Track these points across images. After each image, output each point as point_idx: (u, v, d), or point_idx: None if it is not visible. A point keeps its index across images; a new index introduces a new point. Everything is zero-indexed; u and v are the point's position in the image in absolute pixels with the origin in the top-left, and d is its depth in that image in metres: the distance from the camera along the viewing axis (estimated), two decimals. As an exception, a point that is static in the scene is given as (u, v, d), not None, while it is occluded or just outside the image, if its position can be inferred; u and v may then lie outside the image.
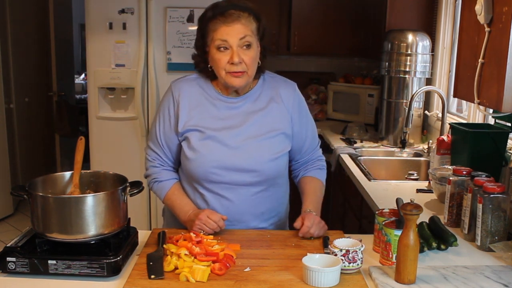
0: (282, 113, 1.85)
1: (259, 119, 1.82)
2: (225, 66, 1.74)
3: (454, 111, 3.37)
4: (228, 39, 1.72)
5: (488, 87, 1.84)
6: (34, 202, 1.50)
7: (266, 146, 1.81)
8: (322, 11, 4.32)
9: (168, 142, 1.86)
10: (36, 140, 5.18)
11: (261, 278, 1.46)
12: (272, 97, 1.86)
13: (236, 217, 1.83)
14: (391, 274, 1.48)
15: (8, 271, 1.47)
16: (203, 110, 1.82)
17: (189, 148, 1.80)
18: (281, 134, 1.84)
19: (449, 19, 3.37)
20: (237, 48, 1.72)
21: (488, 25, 1.83)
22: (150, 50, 3.42)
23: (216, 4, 1.75)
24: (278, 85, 1.88)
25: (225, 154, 1.78)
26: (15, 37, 4.68)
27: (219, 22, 1.72)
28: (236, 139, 1.79)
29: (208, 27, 1.75)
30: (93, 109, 3.53)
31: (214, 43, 1.73)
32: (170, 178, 1.89)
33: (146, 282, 1.43)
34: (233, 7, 1.73)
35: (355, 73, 4.51)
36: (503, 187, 1.69)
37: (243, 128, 1.80)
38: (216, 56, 1.74)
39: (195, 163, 1.79)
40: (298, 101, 1.90)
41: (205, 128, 1.80)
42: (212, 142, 1.79)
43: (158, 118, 1.88)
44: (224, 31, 1.71)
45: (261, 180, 1.82)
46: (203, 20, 1.77)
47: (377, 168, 3.09)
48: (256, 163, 1.80)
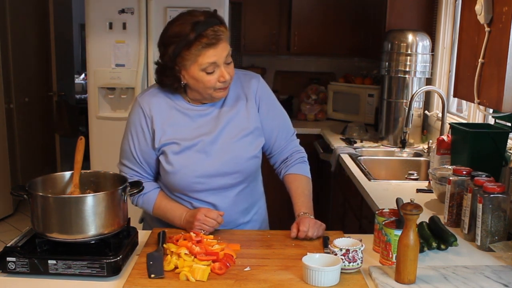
0: (250, 109, 1.83)
1: (230, 120, 1.80)
2: (215, 85, 1.71)
3: (454, 111, 3.37)
4: (216, 60, 1.68)
5: (488, 87, 1.84)
6: (34, 202, 1.49)
7: (243, 146, 1.80)
8: (322, 11, 4.32)
9: (146, 157, 1.82)
10: (36, 140, 5.18)
11: (261, 278, 1.46)
12: (238, 95, 1.83)
13: (226, 218, 1.81)
14: (391, 274, 1.48)
15: (8, 271, 1.47)
16: (176, 121, 1.79)
17: (167, 163, 1.77)
18: (254, 131, 1.82)
19: (449, 19, 3.38)
20: (224, 65, 1.70)
21: (488, 25, 1.83)
22: (150, 50, 3.42)
23: (196, 24, 1.66)
24: (241, 82, 1.85)
25: (205, 162, 1.77)
26: (15, 37, 4.68)
27: (205, 46, 1.65)
28: (213, 145, 1.77)
29: (189, 51, 1.66)
30: (93, 109, 3.53)
31: (200, 67, 1.67)
32: (153, 188, 1.86)
33: (146, 281, 1.43)
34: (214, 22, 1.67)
35: (355, 73, 4.52)
36: (503, 187, 1.69)
37: (217, 132, 1.78)
38: (205, 79, 1.69)
39: (176, 176, 1.77)
40: (262, 93, 1.87)
41: (181, 139, 1.77)
42: (190, 153, 1.76)
43: (130, 135, 1.82)
44: (212, 53, 1.66)
45: (242, 179, 1.83)
46: (181, 43, 1.67)
47: (377, 168, 3.09)
48: (237, 165, 1.79)
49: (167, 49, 1.72)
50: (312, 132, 4.02)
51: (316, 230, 1.72)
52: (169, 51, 1.71)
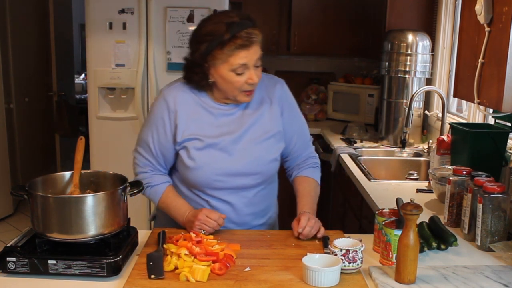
0: (273, 113, 1.85)
1: (254, 123, 1.82)
2: (242, 86, 1.73)
3: (454, 111, 3.37)
4: (247, 62, 1.70)
5: (488, 87, 1.84)
6: (34, 202, 1.49)
7: (265, 148, 1.82)
8: (322, 11, 4.32)
9: (163, 150, 1.83)
10: (36, 140, 5.18)
11: (261, 278, 1.46)
12: (262, 98, 1.85)
13: (241, 219, 1.85)
14: (391, 274, 1.48)
15: (8, 271, 1.47)
16: (200, 118, 1.80)
17: (189, 158, 1.78)
18: (276, 134, 1.85)
19: (449, 19, 3.37)
20: (253, 68, 1.72)
21: (488, 25, 1.83)
22: (150, 50, 3.42)
23: (230, 24, 1.67)
24: (266, 85, 1.87)
25: (227, 161, 1.78)
26: (15, 37, 4.68)
27: (238, 47, 1.67)
28: (235, 145, 1.79)
29: (222, 51, 1.68)
30: (93, 109, 3.53)
31: (230, 67, 1.69)
32: (163, 182, 1.87)
33: (146, 282, 1.43)
34: (248, 24, 1.68)
35: (355, 73, 4.51)
36: (503, 187, 1.69)
37: (240, 133, 1.80)
38: (234, 79, 1.71)
39: (197, 172, 1.78)
40: (286, 98, 1.90)
41: (204, 136, 1.78)
42: (212, 150, 1.78)
43: (151, 126, 1.83)
44: (244, 55, 1.68)
45: (261, 181, 1.85)
46: (215, 42, 1.67)
47: (377, 168, 3.09)
48: (258, 166, 1.81)
49: (199, 46, 1.72)
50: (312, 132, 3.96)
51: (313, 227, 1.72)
52: (201, 49, 1.72)
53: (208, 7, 3.37)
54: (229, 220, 1.83)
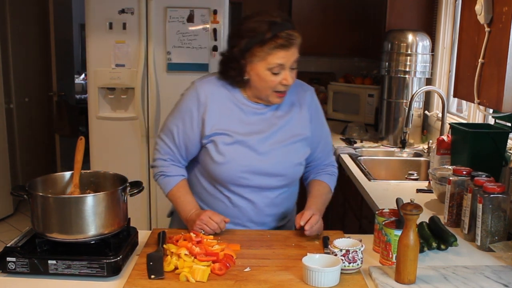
0: (302, 118, 1.87)
1: (284, 125, 1.83)
2: (276, 86, 1.74)
3: (454, 111, 3.37)
4: (284, 63, 1.72)
5: (488, 87, 1.83)
6: (34, 202, 1.50)
7: (292, 151, 1.83)
8: (322, 11, 4.32)
9: (186, 141, 1.84)
10: (36, 140, 5.17)
11: (261, 278, 1.46)
12: (293, 103, 1.87)
13: (261, 219, 1.85)
14: (391, 274, 1.48)
15: (8, 271, 1.47)
16: (231, 114, 1.81)
17: (217, 152, 1.78)
18: (304, 139, 1.86)
19: (449, 19, 3.37)
20: (289, 69, 1.74)
21: (488, 25, 1.83)
22: (150, 50, 3.42)
23: (273, 24, 1.69)
24: (298, 91, 1.89)
25: (254, 159, 1.79)
26: (15, 37, 4.68)
27: (278, 46, 1.69)
28: (263, 144, 1.80)
29: (261, 48, 1.70)
30: (93, 109, 3.53)
31: (267, 65, 1.71)
32: (178, 174, 1.87)
33: (146, 282, 1.43)
34: (290, 26, 1.72)
35: (355, 73, 4.51)
36: (503, 187, 1.69)
37: (269, 133, 1.81)
38: (269, 78, 1.73)
39: (224, 167, 1.78)
40: (316, 106, 1.94)
41: (233, 132, 1.79)
42: (240, 147, 1.78)
43: (178, 116, 1.84)
44: (282, 55, 1.70)
45: (285, 184, 1.86)
46: (255, 39, 1.69)
47: (377, 168, 3.09)
48: (284, 168, 1.82)
49: (240, 41, 1.74)
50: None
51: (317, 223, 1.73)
52: (241, 44, 1.73)
53: (208, 7, 3.37)
54: (249, 219, 1.85)
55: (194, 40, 3.40)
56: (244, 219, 1.84)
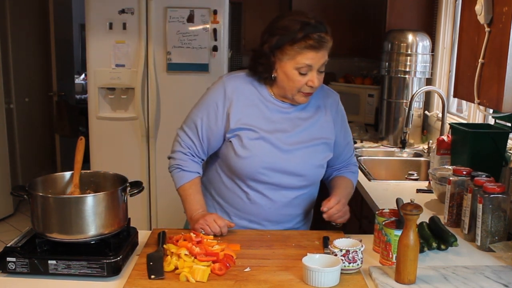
0: (327, 122, 1.88)
1: (307, 127, 1.84)
2: (302, 87, 1.75)
3: (454, 111, 3.37)
4: (313, 64, 1.73)
5: (488, 87, 1.83)
6: (34, 202, 1.49)
7: (314, 153, 1.84)
8: (322, 11, 4.30)
9: (209, 135, 1.84)
10: (36, 140, 5.17)
11: (261, 278, 1.46)
12: (319, 106, 1.88)
13: (277, 217, 1.85)
14: (391, 274, 1.48)
15: (8, 271, 1.47)
16: (257, 110, 1.81)
17: (241, 146, 1.78)
18: (326, 142, 1.87)
19: (449, 19, 3.37)
20: (317, 71, 1.75)
21: (488, 25, 1.83)
22: (150, 50, 3.42)
23: (306, 24, 1.70)
24: (324, 96, 1.91)
25: (276, 156, 1.79)
26: (15, 37, 4.68)
27: (308, 47, 1.70)
28: (286, 143, 1.80)
29: (292, 47, 1.71)
30: (93, 109, 3.53)
31: (296, 65, 1.72)
32: (194, 171, 1.86)
33: (146, 282, 1.43)
34: (323, 29, 1.73)
35: (355, 73, 4.51)
36: (503, 187, 1.69)
37: (293, 133, 1.82)
38: (296, 78, 1.73)
39: (246, 162, 1.78)
40: (341, 113, 1.96)
41: (258, 128, 1.79)
42: (264, 143, 1.79)
43: (203, 109, 1.84)
44: (311, 56, 1.71)
45: (305, 185, 1.86)
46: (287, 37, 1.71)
47: (377, 168, 3.09)
48: (305, 168, 1.83)
49: (271, 38, 1.75)
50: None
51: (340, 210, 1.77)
52: (272, 41, 1.74)
53: (208, 7, 3.38)
54: (265, 218, 1.85)
55: (194, 40, 3.41)
56: (261, 217, 1.84)
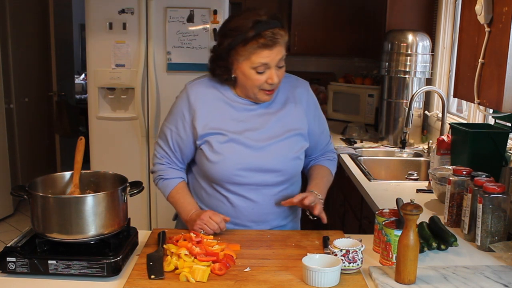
0: (298, 113, 1.87)
1: (277, 120, 1.83)
2: (262, 85, 1.74)
3: (454, 111, 3.37)
4: (269, 62, 1.70)
5: (488, 87, 1.83)
6: (34, 202, 1.50)
7: (287, 146, 1.82)
8: (322, 11, 4.32)
9: (180, 144, 1.85)
10: (36, 140, 5.18)
11: (261, 278, 1.46)
12: (287, 97, 1.87)
13: (261, 217, 1.85)
14: (391, 274, 1.48)
15: (8, 271, 1.47)
16: (223, 113, 1.81)
17: (211, 152, 1.78)
18: (299, 133, 1.86)
19: (449, 19, 3.37)
20: (275, 68, 1.73)
21: (488, 25, 1.83)
22: (150, 50, 3.42)
23: (257, 23, 1.67)
24: (292, 86, 1.89)
25: (249, 156, 1.78)
26: (15, 37, 4.68)
27: (261, 46, 1.67)
28: (258, 141, 1.79)
29: (245, 47, 1.69)
30: (93, 109, 3.53)
31: (252, 65, 1.70)
32: (176, 177, 1.88)
33: (146, 282, 1.43)
34: (275, 24, 1.69)
35: (355, 73, 4.52)
36: (503, 187, 1.69)
37: (263, 129, 1.81)
38: (254, 77, 1.72)
39: (219, 166, 1.78)
40: (312, 101, 1.93)
41: (226, 131, 1.79)
42: (235, 145, 1.78)
43: (171, 119, 1.85)
44: (266, 55, 1.69)
45: (284, 180, 1.84)
46: (239, 38, 1.69)
47: (377, 168, 3.09)
48: (280, 163, 1.81)
49: (224, 40, 1.74)
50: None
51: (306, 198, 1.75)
52: (225, 43, 1.73)
53: (208, 7, 3.38)
54: (250, 219, 1.84)
55: (194, 40, 3.41)
56: (245, 219, 1.83)
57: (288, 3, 4.41)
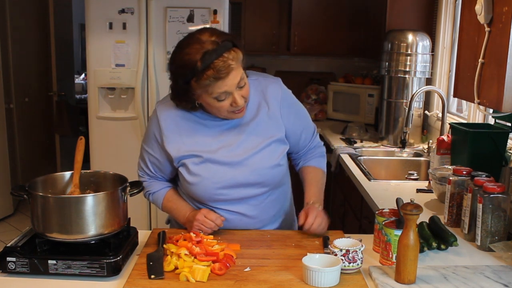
0: (272, 117, 1.80)
1: (252, 131, 1.77)
2: (228, 109, 1.68)
3: (454, 111, 3.37)
4: (227, 89, 1.62)
5: (488, 87, 1.83)
6: (34, 202, 1.50)
7: (266, 155, 1.77)
8: (322, 11, 4.32)
9: (158, 165, 1.84)
10: (36, 140, 5.18)
11: (261, 278, 1.46)
12: (259, 102, 1.79)
13: (253, 225, 1.83)
14: (391, 274, 1.48)
15: (8, 271, 1.47)
16: (195, 133, 1.76)
17: (189, 174, 1.75)
18: (276, 140, 1.79)
19: (449, 19, 3.38)
20: (236, 90, 1.64)
21: (488, 25, 1.83)
22: (150, 50, 3.42)
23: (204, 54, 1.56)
24: (262, 89, 1.81)
25: (227, 174, 1.74)
26: (15, 37, 4.68)
27: (213, 80, 1.58)
28: (234, 156, 1.75)
29: (198, 83, 1.61)
30: (93, 109, 3.53)
31: (211, 95, 1.63)
32: (162, 187, 1.88)
33: (146, 282, 1.43)
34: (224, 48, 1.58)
35: (355, 73, 4.52)
36: (503, 187, 1.69)
37: (238, 143, 1.76)
38: (217, 105, 1.66)
39: (199, 187, 1.76)
40: (284, 98, 1.83)
41: (200, 151, 1.74)
42: (211, 164, 1.74)
43: (147, 141, 1.83)
44: (222, 84, 1.60)
45: (267, 189, 1.81)
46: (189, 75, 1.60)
47: (377, 168, 3.09)
48: (260, 175, 1.77)
49: (176, 78, 1.67)
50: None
51: (320, 225, 1.73)
52: (178, 81, 1.67)
53: (208, 7, 3.37)
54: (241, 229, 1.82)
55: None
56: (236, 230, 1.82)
57: (288, 3, 4.42)
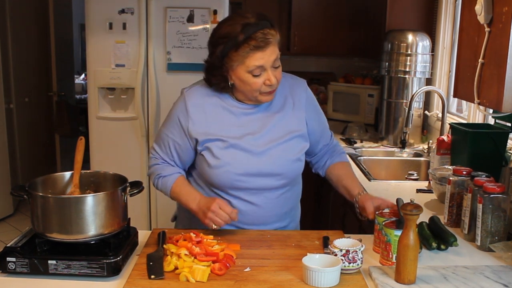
0: (297, 113, 1.86)
1: (277, 123, 1.82)
2: (261, 88, 1.72)
3: (454, 111, 3.37)
4: (264, 64, 1.68)
5: (488, 87, 1.83)
6: (34, 202, 1.50)
7: (288, 148, 1.82)
8: (322, 11, 4.32)
9: (178, 149, 1.84)
10: (36, 140, 5.18)
11: (261, 278, 1.46)
12: (285, 98, 1.86)
13: (263, 220, 1.84)
14: (391, 274, 1.48)
15: (8, 271, 1.47)
16: (222, 119, 1.80)
17: (212, 157, 1.77)
18: (299, 135, 1.85)
19: (449, 19, 3.37)
20: (271, 69, 1.71)
21: (488, 25, 1.83)
22: (150, 50, 3.42)
23: (245, 26, 1.66)
24: (290, 85, 1.88)
25: (249, 161, 1.77)
26: (15, 37, 4.68)
27: (253, 48, 1.65)
28: (258, 145, 1.78)
29: (237, 52, 1.67)
30: (93, 109, 3.53)
31: (247, 69, 1.68)
32: (174, 172, 1.86)
33: (146, 282, 1.43)
34: (264, 25, 1.67)
35: (355, 73, 4.51)
36: (503, 187, 1.69)
37: (263, 133, 1.80)
38: (251, 81, 1.70)
39: (221, 172, 1.77)
40: (310, 99, 1.92)
41: (226, 137, 1.77)
42: (235, 150, 1.77)
43: (169, 125, 1.84)
44: (260, 56, 1.67)
45: (285, 183, 1.84)
46: (229, 44, 1.67)
47: (377, 168, 3.09)
48: (281, 167, 1.80)
49: (215, 49, 1.72)
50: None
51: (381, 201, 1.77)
52: (217, 51, 1.71)
53: (208, 7, 3.37)
54: (251, 222, 1.83)
55: (194, 40, 3.41)
56: (247, 223, 1.82)
57: (288, 3, 4.41)
